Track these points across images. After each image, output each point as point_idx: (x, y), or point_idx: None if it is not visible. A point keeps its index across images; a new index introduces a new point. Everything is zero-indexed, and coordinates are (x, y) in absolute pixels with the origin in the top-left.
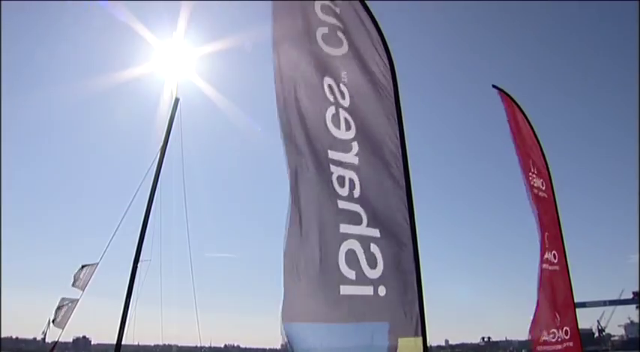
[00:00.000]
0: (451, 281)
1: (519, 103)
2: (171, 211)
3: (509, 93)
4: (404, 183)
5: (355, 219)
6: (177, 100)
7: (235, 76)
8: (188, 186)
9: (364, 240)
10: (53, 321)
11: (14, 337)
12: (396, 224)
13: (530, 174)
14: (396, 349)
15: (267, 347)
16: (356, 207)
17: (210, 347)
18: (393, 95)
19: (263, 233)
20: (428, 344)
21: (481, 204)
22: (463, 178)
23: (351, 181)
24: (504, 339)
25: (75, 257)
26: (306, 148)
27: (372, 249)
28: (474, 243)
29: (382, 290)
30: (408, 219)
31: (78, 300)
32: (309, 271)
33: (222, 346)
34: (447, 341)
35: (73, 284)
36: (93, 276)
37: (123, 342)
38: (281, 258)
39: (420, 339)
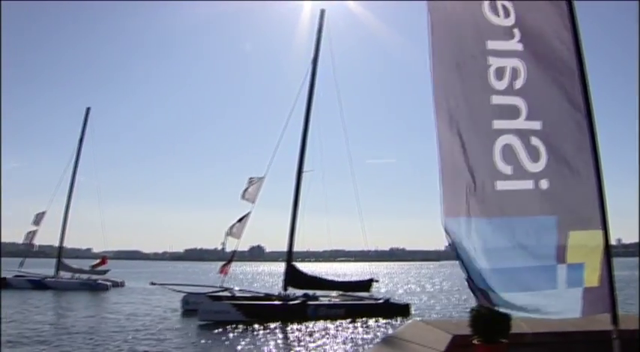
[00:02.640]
0: (624, 172)
1: None
2: (328, 121)
3: None
4: (577, 68)
5: (512, 114)
6: (322, 11)
7: None
8: (342, 95)
9: (523, 134)
10: (230, 233)
11: (198, 248)
12: (564, 112)
13: None
14: (565, 246)
15: (432, 248)
16: (514, 100)
17: (376, 251)
18: None
19: (420, 136)
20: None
21: None
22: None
23: (514, 70)
24: None
25: (244, 174)
26: (458, 44)
27: (533, 143)
28: None
29: (544, 184)
30: (583, 103)
31: (250, 212)
32: (464, 168)
33: (388, 249)
34: (619, 240)
35: (243, 197)
36: (261, 189)
37: (294, 249)
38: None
39: (598, 232)
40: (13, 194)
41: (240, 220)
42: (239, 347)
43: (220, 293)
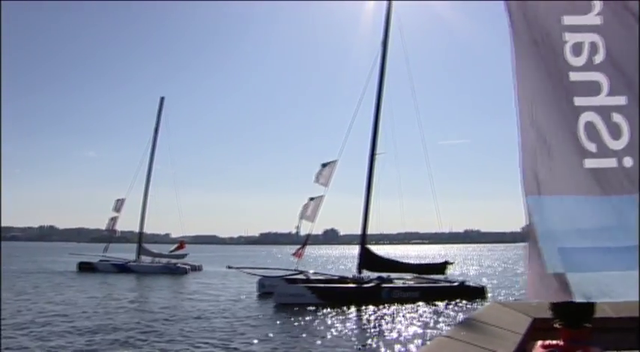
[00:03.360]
0: None
1: None
2: (399, 103)
3: None
4: None
5: (592, 90)
6: None
7: None
8: (412, 76)
9: (604, 111)
10: (304, 217)
11: (273, 232)
12: None
13: None
14: None
15: (508, 230)
16: (595, 76)
17: (450, 233)
18: None
19: (494, 116)
20: None
21: None
22: None
23: (592, 45)
24: None
25: (317, 158)
26: (533, 22)
27: (614, 119)
28: None
29: (628, 162)
30: None
31: (324, 196)
32: (549, 147)
33: (462, 231)
34: None
35: (316, 181)
36: (334, 173)
37: (368, 232)
38: (515, 138)
39: None
40: (92, 182)
41: (310, 200)
42: (314, 329)
43: (295, 277)
